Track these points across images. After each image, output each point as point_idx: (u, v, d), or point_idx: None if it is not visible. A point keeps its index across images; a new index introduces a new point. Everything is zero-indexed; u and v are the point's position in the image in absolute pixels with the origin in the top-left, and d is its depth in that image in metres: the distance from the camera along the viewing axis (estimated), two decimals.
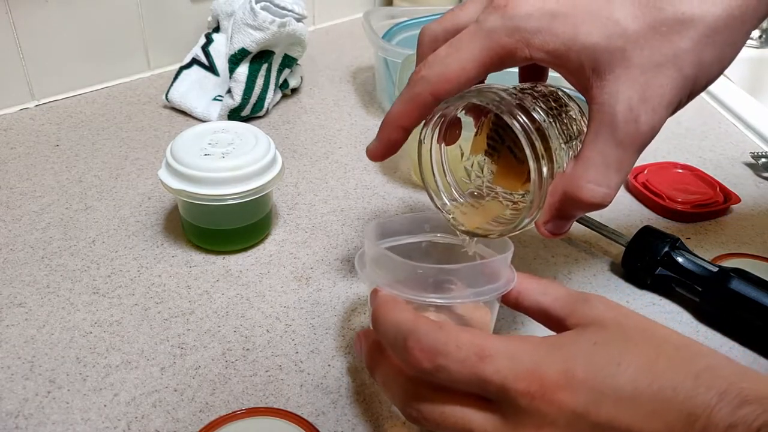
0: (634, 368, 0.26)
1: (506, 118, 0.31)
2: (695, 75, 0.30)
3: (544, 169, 0.31)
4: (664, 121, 0.31)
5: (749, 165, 0.65)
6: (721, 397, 0.25)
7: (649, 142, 0.31)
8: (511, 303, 0.34)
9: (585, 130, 0.33)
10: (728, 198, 0.57)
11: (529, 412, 0.26)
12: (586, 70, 0.31)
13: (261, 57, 0.65)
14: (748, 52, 1.02)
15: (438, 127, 0.36)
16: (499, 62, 0.32)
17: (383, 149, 0.36)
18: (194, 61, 0.71)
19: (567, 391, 0.26)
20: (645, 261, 0.46)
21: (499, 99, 0.32)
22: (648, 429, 0.25)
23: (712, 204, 0.56)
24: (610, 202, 0.32)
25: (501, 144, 0.37)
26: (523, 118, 0.31)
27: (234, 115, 0.65)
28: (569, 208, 0.32)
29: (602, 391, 0.26)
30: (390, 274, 0.34)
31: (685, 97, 0.31)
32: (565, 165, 0.33)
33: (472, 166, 0.39)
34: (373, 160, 0.37)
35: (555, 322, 0.31)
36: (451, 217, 0.37)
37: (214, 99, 0.68)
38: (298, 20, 0.66)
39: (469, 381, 0.27)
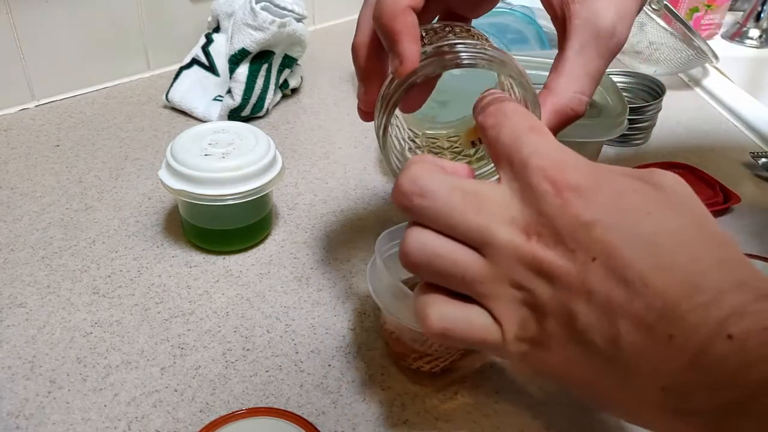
0: (660, 223, 0.24)
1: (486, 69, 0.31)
2: None
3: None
4: None
5: (749, 165, 0.65)
6: (737, 285, 0.23)
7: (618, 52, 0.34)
8: None
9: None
10: (728, 198, 0.57)
11: (539, 192, 0.25)
12: None
13: (261, 57, 0.65)
14: (748, 52, 1.02)
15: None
16: None
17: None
18: (194, 62, 0.71)
19: (581, 198, 0.25)
20: None
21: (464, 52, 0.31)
22: (643, 277, 0.23)
23: (712, 204, 0.56)
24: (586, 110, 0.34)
25: None
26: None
27: (234, 115, 0.65)
28: (565, 123, 0.33)
29: (618, 222, 0.24)
30: (398, 305, 0.35)
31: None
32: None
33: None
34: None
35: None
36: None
37: (214, 99, 0.68)
38: (298, 20, 0.66)
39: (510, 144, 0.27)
